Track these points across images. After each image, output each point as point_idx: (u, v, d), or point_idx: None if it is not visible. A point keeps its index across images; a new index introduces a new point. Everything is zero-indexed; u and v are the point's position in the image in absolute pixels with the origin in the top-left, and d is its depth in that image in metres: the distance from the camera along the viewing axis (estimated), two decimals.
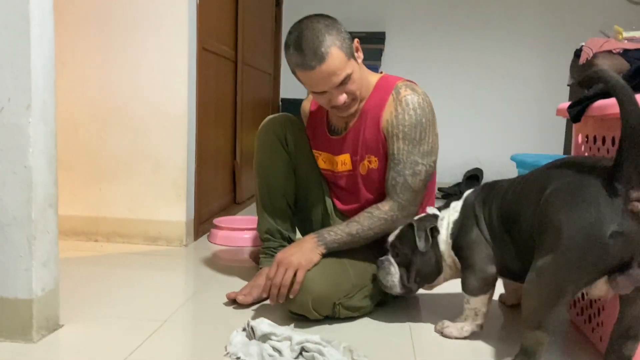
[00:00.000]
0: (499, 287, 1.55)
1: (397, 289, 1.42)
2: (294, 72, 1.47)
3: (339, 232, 1.46)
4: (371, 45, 4.30)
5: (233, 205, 3.06)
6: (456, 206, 1.40)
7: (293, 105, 3.91)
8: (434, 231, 1.39)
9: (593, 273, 1.02)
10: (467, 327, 1.35)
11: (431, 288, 1.48)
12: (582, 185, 1.03)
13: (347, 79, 1.44)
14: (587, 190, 1.02)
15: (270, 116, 1.72)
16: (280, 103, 4.24)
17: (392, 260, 1.42)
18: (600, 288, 1.04)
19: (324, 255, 1.44)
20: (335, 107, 1.49)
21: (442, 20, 4.46)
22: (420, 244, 1.37)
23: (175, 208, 2.24)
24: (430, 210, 1.47)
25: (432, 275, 1.42)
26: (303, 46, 1.40)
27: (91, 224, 2.27)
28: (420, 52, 4.49)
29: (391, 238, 1.44)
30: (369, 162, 1.54)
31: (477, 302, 1.33)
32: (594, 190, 1.01)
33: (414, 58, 4.49)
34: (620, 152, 0.98)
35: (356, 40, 1.51)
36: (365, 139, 1.53)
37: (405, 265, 1.41)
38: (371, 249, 1.50)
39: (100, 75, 2.23)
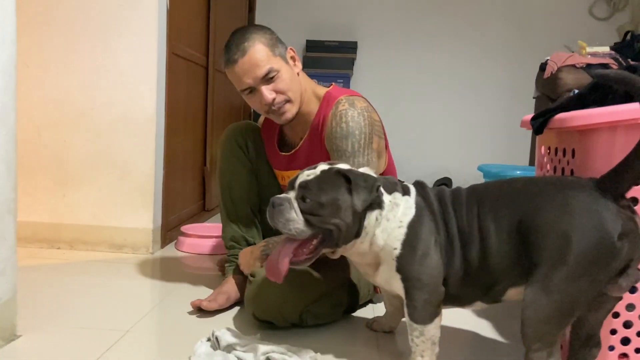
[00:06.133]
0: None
1: (304, 235, 1.13)
2: (228, 75, 1.52)
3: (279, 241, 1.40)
4: (343, 55, 4.34)
5: (202, 212, 3.03)
6: (409, 203, 1.15)
7: None
8: (378, 190, 1.13)
9: (604, 279, 1.00)
10: None
11: (333, 255, 1.20)
12: (574, 196, 1.01)
13: (272, 73, 1.46)
14: (582, 200, 1.00)
15: (233, 124, 1.73)
16: (252, 111, 4.23)
17: (294, 203, 1.12)
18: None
19: None
20: (268, 108, 1.50)
21: (413, 31, 4.53)
22: (358, 203, 1.09)
23: (141, 215, 2.20)
24: (367, 169, 1.21)
25: (346, 237, 1.13)
26: (230, 44, 1.48)
27: (53, 231, 2.21)
28: (390, 62, 4.55)
29: (303, 178, 1.14)
30: None
31: (433, 329, 1.14)
32: (588, 198, 1.00)
33: (385, 68, 4.55)
34: (627, 162, 0.99)
35: (291, 48, 1.55)
36: (317, 156, 1.51)
37: (312, 214, 1.11)
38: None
39: (65, 78, 2.18)
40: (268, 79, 1.47)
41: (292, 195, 1.14)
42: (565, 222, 1.00)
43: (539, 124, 1.30)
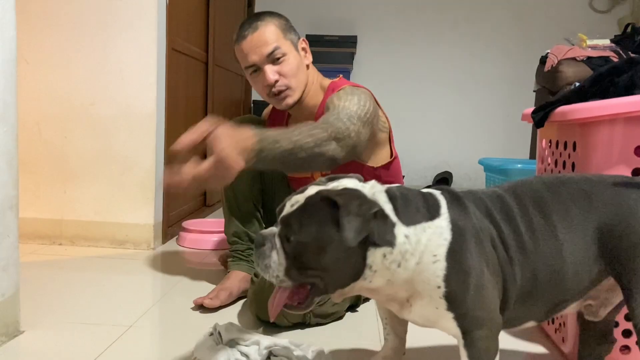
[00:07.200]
0: None
1: (287, 285, 0.92)
2: (236, 53, 1.51)
3: (279, 134, 1.18)
4: (343, 49, 4.32)
5: (203, 207, 3.03)
6: (440, 228, 0.91)
7: (265, 107, 3.90)
8: (377, 217, 0.89)
9: None
10: None
11: (335, 299, 0.98)
12: None
13: (278, 52, 1.46)
14: None
15: (236, 118, 1.72)
16: (252, 105, 4.22)
17: (277, 242, 0.90)
18: None
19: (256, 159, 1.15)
20: (269, 90, 1.49)
21: (412, 25, 4.52)
22: (350, 235, 0.84)
23: (143, 210, 2.20)
24: (376, 187, 0.95)
25: (339, 283, 0.91)
26: (243, 23, 1.49)
27: (55, 227, 2.21)
28: (391, 56, 4.54)
29: (287, 209, 0.91)
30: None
31: None
32: None
33: (385, 62, 4.54)
34: None
35: (303, 39, 1.56)
36: None
37: (296, 257, 0.88)
38: None
39: (65, 74, 2.18)
40: (274, 59, 1.47)
41: (275, 230, 0.92)
42: None
43: (540, 117, 1.30)
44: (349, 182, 0.95)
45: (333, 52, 4.27)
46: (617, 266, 0.96)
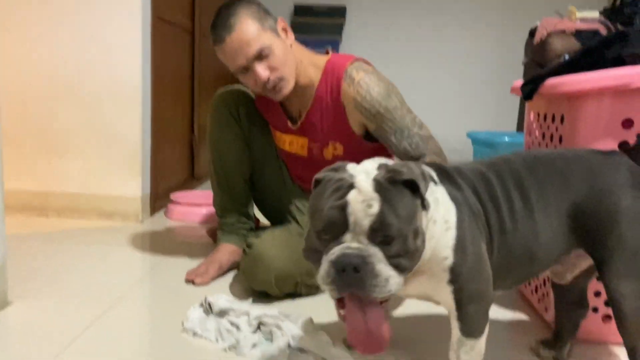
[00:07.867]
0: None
1: (400, 288, 0.83)
2: (218, 55, 1.45)
3: None
4: (332, 20, 4.27)
5: (191, 179, 3.01)
6: (444, 196, 0.91)
7: None
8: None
9: None
10: None
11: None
12: (631, 174, 0.99)
13: (264, 50, 1.40)
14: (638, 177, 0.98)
15: (222, 89, 1.68)
16: None
17: (378, 252, 0.80)
18: None
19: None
20: (264, 86, 1.44)
21: None
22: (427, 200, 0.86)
23: (130, 183, 2.19)
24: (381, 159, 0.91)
25: (419, 257, 0.85)
26: (216, 22, 1.41)
27: (41, 199, 2.20)
28: (380, 28, 4.49)
29: (363, 211, 0.79)
30: (334, 148, 1.52)
31: (483, 341, 0.95)
32: None
33: (374, 33, 4.50)
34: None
35: (281, 18, 1.48)
36: (327, 125, 1.49)
37: (401, 252, 0.81)
38: None
39: (49, 45, 2.13)
40: (261, 56, 1.40)
41: (356, 242, 0.80)
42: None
43: (529, 89, 1.30)
44: (377, 163, 0.89)
45: (321, 23, 4.21)
46: (590, 242, 0.99)
